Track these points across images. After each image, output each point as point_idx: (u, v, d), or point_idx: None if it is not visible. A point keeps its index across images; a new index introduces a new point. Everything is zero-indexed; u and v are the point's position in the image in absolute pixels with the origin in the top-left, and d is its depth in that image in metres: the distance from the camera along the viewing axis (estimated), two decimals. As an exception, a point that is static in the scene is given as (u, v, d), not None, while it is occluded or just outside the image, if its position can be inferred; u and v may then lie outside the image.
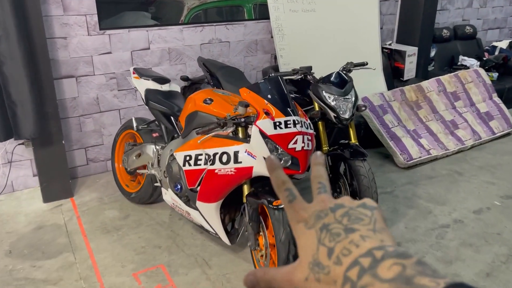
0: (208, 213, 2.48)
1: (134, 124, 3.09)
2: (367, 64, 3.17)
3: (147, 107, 2.98)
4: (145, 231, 2.99)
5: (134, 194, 3.25)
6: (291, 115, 2.25)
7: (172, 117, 2.86)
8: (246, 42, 4.22)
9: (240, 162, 2.23)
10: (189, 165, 2.46)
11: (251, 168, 2.22)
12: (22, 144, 3.22)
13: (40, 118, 2.98)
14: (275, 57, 4.39)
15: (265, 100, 2.26)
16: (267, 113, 2.21)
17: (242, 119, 2.25)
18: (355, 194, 2.80)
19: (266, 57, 4.40)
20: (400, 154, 3.89)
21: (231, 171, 2.26)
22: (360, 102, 4.05)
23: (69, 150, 3.64)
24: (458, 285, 0.34)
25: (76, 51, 3.46)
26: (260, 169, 2.20)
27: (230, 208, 2.58)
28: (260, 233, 2.35)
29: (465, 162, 4.07)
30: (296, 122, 2.24)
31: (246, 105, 2.26)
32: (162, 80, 3.09)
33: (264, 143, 2.16)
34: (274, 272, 0.46)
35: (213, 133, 2.32)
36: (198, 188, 2.45)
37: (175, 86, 3.16)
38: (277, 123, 2.20)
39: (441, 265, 2.64)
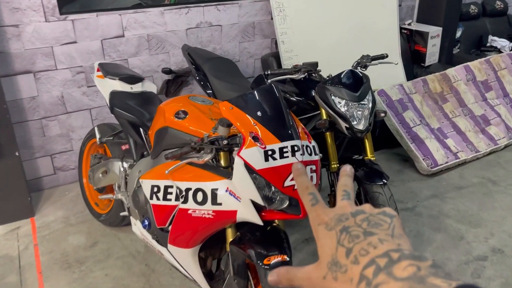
0: (183, 260, 1.93)
1: (97, 136, 2.51)
2: (387, 56, 2.54)
3: (112, 115, 2.39)
4: (114, 265, 2.45)
5: (103, 216, 2.70)
6: (289, 139, 1.65)
7: (141, 129, 2.28)
8: (241, 26, 3.58)
9: (220, 204, 1.65)
10: (157, 198, 1.89)
11: (234, 212, 1.64)
12: (-34, 157, 2.66)
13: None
14: (276, 43, 3.74)
15: (252, 120, 1.65)
16: (255, 138, 1.62)
17: (225, 142, 1.67)
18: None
19: (266, 43, 3.76)
20: (423, 159, 3.28)
21: (208, 214, 1.69)
22: (378, 107, 3.44)
23: (30, 159, 3.08)
24: (469, 286, 0.36)
25: (32, 42, 2.85)
26: (246, 214, 1.63)
27: (214, 246, 2.02)
28: (249, 291, 1.79)
29: (499, 166, 3.46)
30: (296, 148, 1.65)
31: (229, 125, 1.67)
32: (132, 79, 2.49)
33: (250, 181, 1.58)
34: (295, 271, 0.49)
35: (186, 160, 1.74)
36: (169, 228, 1.89)
37: (149, 86, 2.56)
38: (270, 153, 1.61)
39: (481, 319, 2.08)
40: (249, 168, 1.58)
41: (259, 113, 1.68)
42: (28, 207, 2.86)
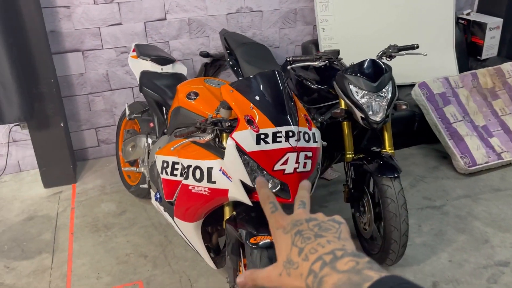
0: (188, 233, 2.04)
1: (127, 112, 2.68)
2: (417, 47, 2.45)
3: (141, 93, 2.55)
4: (136, 233, 2.64)
5: (133, 188, 2.89)
6: (284, 125, 1.68)
7: (164, 108, 2.41)
8: (282, 12, 3.59)
9: (214, 182, 1.73)
10: (166, 173, 2.01)
11: (226, 191, 1.71)
12: (18, 125, 2.96)
13: (28, 101, 2.68)
14: (318, 30, 3.71)
15: (251, 103, 1.70)
16: (250, 122, 1.67)
17: (227, 124, 1.74)
18: (380, 218, 2.20)
19: (307, 29, 3.74)
20: (461, 157, 3.13)
21: (204, 191, 1.78)
22: (417, 99, 3.32)
23: (77, 130, 3.36)
24: (395, 277, 0.43)
25: (81, 22, 3.08)
26: (236, 194, 1.69)
27: (220, 223, 2.11)
28: (241, 268, 1.86)
29: (548, 170, 3.21)
30: (291, 134, 1.68)
31: (229, 108, 1.74)
32: (163, 60, 2.62)
33: (241, 162, 1.64)
34: (258, 272, 0.56)
35: (190, 139, 1.83)
36: (175, 202, 2.01)
37: (180, 68, 2.68)
38: (262, 136, 1.65)
39: (487, 325, 2.00)
40: (240, 149, 1.64)
41: (257, 97, 1.72)
42: (71, 174, 3.13)
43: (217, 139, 1.79)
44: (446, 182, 3.11)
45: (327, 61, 2.36)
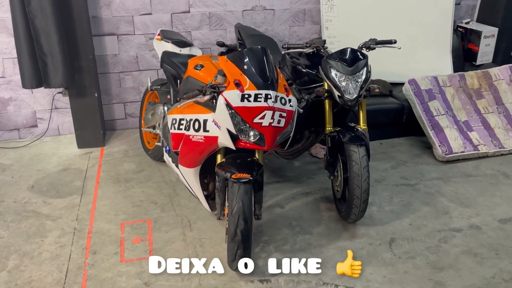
0: (188, 177, 2.53)
1: (149, 84, 3.22)
2: (395, 42, 2.88)
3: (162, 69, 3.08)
4: (150, 186, 3.15)
5: (150, 151, 3.42)
6: (264, 89, 2.16)
7: (178, 80, 2.92)
8: (293, 11, 4.07)
9: (208, 131, 2.23)
10: (174, 128, 2.52)
11: (216, 138, 2.20)
12: (61, 92, 3.55)
13: (70, 71, 3.25)
14: (325, 29, 4.17)
15: (240, 71, 2.19)
16: (238, 85, 2.15)
17: (223, 88, 2.23)
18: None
19: (315, 28, 4.21)
20: (439, 146, 3.52)
21: (201, 139, 2.27)
22: (406, 94, 3.71)
23: (109, 103, 3.92)
24: None
25: (118, 11, 3.65)
26: (224, 140, 2.18)
27: (215, 174, 2.60)
28: (226, 203, 2.34)
29: (520, 164, 3.55)
30: (269, 96, 2.15)
31: (224, 75, 2.23)
32: (183, 43, 3.15)
33: (228, 114, 2.12)
34: None
35: (193, 99, 2.33)
36: (179, 151, 2.51)
37: (196, 51, 3.20)
38: (246, 96, 2.13)
39: (429, 270, 2.40)
40: (228, 105, 2.13)
41: (245, 66, 2.21)
42: (100, 139, 3.69)
43: (214, 100, 2.28)
44: (424, 166, 3.50)
45: (315, 49, 2.83)
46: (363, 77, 2.64)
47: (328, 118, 2.78)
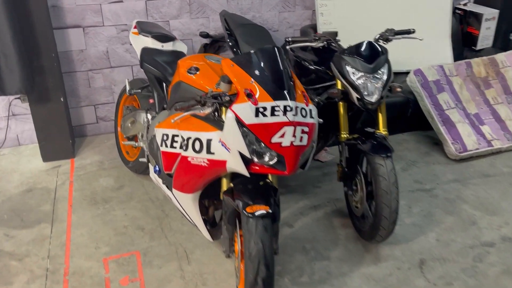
0: (185, 204, 2.10)
1: (127, 88, 2.72)
2: (413, 32, 2.50)
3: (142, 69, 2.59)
4: (133, 207, 2.69)
5: (131, 164, 2.95)
6: (282, 99, 1.74)
7: (164, 83, 2.45)
8: (283, -5, 3.62)
9: (213, 153, 1.79)
10: (166, 146, 2.06)
11: (224, 162, 1.77)
12: (19, 98, 3.00)
13: (29, 73, 2.71)
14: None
15: (251, 78, 1.76)
16: (249, 95, 1.72)
17: (227, 98, 1.79)
18: (372, 192, 2.27)
19: (306, 14, 3.78)
20: (452, 143, 3.21)
21: (204, 162, 1.84)
22: (412, 86, 3.38)
23: (77, 106, 3.39)
24: None
25: (82, -2, 3.11)
26: (234, 165, 1.75)
27: (216, 197, 2.17)
28: (236, 238, 1.93)
29: (536, 159, 3.30)
30: (289, 109, 1.73)
31: (229, 82, 1.79)
32: (164, 38, 2.66)
33: (239, 133, 1.69)
34: None
35: (190, 112, 1.89)
36: (174, 173, 2.07)
37: (180, 46, 2.72)
38: (261, 109, 1.71)
39: (470, 299, 2.09)
40: (239, 121, 1.70)
41: (257, 72, 1.77)
42: (69, 149, 3.18)
43: (216, 113, 1.84)
44: (437, 167, 3.19)
45: (325, 43, 2.41)
46: (385, 75, 2.26)
47: (343, 123, 2.39)
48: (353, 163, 2.39)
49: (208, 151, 1.80)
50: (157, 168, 2.23)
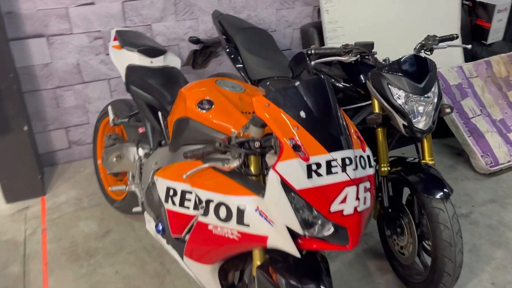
0: (200, 275, 1.64)
1: (111, 117, 2.20)
2: (457, 37, 2.10)
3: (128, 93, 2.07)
4: (125, 260, 2.20)
5: (118, 203, 2.44)
6: (339, 149, 1.29)
7: (160, 112, 1.95)
8: (280, -10, 3.14)
9: (247, 225, 1.33)
10: (173, 203, 1.58)
11: (264, 237, 1.31)
12: (-29, 129, 2.42)
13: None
14: (319, 11, 3.31)
15: (295, 122, 1.29)
16: (297, 147, 1.26)
17: (257, 144, 1.33)
18: (423, 237, 1.88)
19: (307, 11, 3.31)
20: (482, 156, 2.85)
21: (232, 234, 1.37)
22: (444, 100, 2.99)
23: (44, 131, 2.82)
24: None
25: (44, 1, 2.53)
26: (280, 242, 1.30)
27: (238, 256, 1.71)
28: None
29: None
30: (348, 162, 1.29)
31: (263, 125, 1.32)
32: (153, 51, 2.14)
33: (288, 203, 1.24)
34: None
35: (209, 165, 1.42)
36: (186, 238, 1.59)
37: (173, 60, 2.21)
38: (313, 167, 1.25)
39: None
40: (286, 185, 1.24)
41: (302, 113, 1.31)
42: (38, 185, 2.63)
43: (243, 166, 1.38)
44: (467, 184, 2.83)
45: (358, 56, 1.96)
46: (437, 96, 1.85)
47: (383, 153, 1.97)
48: (397, 200, 1.98)
49: (240, 221, 1.34)
50: (160, 227, 1.74)
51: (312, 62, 1.99)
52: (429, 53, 2.01)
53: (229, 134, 1.49)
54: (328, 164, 1.27)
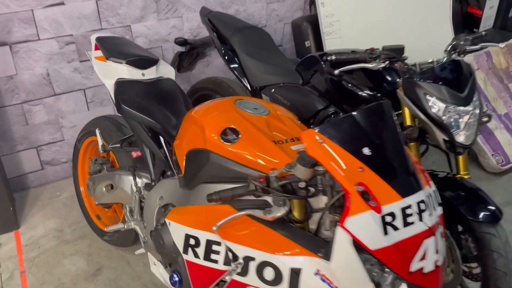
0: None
1: (100, 142, 1.87)
2: (485, 35, 1.90)
3: (119, 114, 1.75)
4: (125, 305, 1.91)
5: (107, 236, 2.12)
6: (412, 193, 1.05)
7: (161, 137, 1.65)
8: (271, -18, 2.85)
9: (304, 291, 1.08)
10: (195, 255, 1.30)
11: (326, 306, 1.07)
12: None
13: None
14: (311, 3, 3.06)
15: (358, 162, 1.04)
16: (365, 195, 1.01)
17: (302, 185, 1.08)
18: (467, 259, 1.70)
19: (298, 3, 3.05)
20: (492, 155, 2.72)
21: (281, 299, 1.12)
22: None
23: (11, 152, 2.45)
24: None
25: (5, 4, 2.13)
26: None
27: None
28: None
29: None
30: (423, 207, 1.05)
31: (313, 165, 1.06)
32: (144, 62, 1.82)
33: (362, 267, 0.99)
34: None
35: (246, 213, 1.15)
36: (213, 295, 1.32)
37: (166, 70, 1.90)
38: (388, 219, 1.01)
39: None
40: (358, 245, 0.99)
41: (366, 150, 1.06)
42: (10, 217, 2.27)
43: (289, 213, 1.13)
44: (480, 184, 2.67)
45: (387, 62, 1.73)
46: (478, 107, 1.64)
47: (417, 170, 1.75)
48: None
49: (294, 286, 1.08)
50: (176, 279, 1.46)
51: (336, 71, 1.73)
52: (462, 55, 1.80)
53: (261, 170, 1.22)
54: (403, 213, 1.03)
